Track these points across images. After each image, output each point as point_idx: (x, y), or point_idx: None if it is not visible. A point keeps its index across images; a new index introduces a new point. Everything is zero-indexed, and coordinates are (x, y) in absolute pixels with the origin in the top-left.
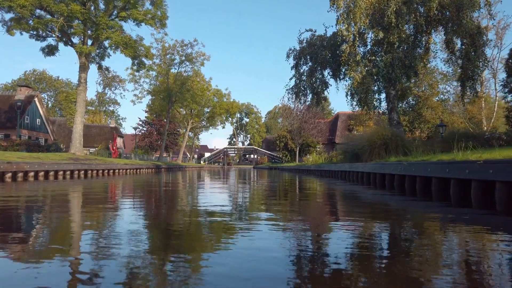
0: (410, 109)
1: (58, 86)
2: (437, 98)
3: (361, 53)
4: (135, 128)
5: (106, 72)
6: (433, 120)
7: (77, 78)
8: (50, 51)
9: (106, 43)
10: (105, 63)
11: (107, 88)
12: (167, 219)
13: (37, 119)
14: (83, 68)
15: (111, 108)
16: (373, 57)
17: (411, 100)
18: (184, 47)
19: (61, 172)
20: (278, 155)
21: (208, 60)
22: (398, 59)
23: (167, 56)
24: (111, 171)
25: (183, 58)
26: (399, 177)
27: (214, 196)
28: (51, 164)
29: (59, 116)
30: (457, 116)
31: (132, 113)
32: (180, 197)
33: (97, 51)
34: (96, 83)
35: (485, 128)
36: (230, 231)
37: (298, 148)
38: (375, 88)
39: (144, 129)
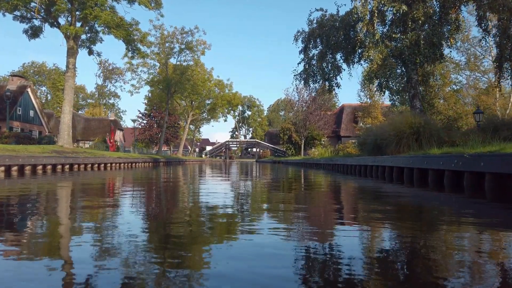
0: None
1: (57, 77)
2: (449, 88)
3: (380, 32)
4: (134, 121)
5: (97, 57)
6: (446, 111)
7: (65, 63)
8: (34, 33)
9: (97, 25)
10: (104, 54)
11: (107, 81)
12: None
13: (30, 111)
14: (72, 53)
15: (111, 101)
16: (396, 35)
17: (421, 90)
18: (184, 35)
19: (40, 167)
20: (281, 149)
21: (209, 49)
22: (426, 36)
23: (166, 44)
24: (102, 165)
25: (183, 46)
26: (452, 174)
27: (215, 200)
28: (27, 158)
29: (59, 109)
30: (472, 107)
31: (132, 106)
32: (170, 204)
33: (88, 35)
34: (96, 76)
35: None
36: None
37: (303, 141)
38: (398, 71)
39: (144, 122)
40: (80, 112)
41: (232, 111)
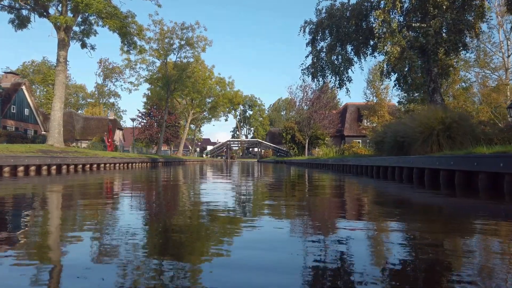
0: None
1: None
2: (458, 85)
3: (397, 21)
4: (133, 120)
5: (91, 50)
6: (456, 109)
7: (56, 56)
8: (21, 23)
9: (88, 14)
10: (104, 53)
11: (107, 80)
12: None
13: (25, 109)
14: (62, 45)
15: (111, 100)
16: (416, 24)
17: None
18: (184, 30)
19: (21, 168)
20: (283, 148)
21: (210, 45)
22: (451, 23)
23: (166, 40)
24: (95, 166)
25: (183, 42)
26: None
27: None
28: (5, 158)
29: None
30: (484, 105)
31: (132, 105)
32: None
33: (82, 27)
34: (96, 75)
35: (510, 118)
36: None
37: (307, 141)
38: (419, 63)
39: (144, 121)
40: (79, 111)
41: (233, 110)
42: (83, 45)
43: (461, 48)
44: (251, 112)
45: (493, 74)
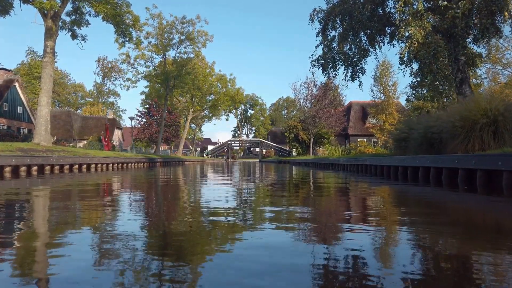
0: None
1: (57, 76)
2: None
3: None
4: (131, 118)
5: (82, 41)
6: None
7: (43, 47)
8: (3, 9)
9: (81, 3)
10: (102, 52)
11: (106, 79)
12: None
13: (18, 107)
14: (50, 34)
15: (110, 100)
16: (443, 3)
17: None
18: (184, 25)
19: None
20: (286, 148)
21: (211, 40)
22: (483, 2)
23: (165, 35)
24: (84, 166)
25: (183, 37)
26: None
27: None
28: None
29: (57, 108)
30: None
31: (132, 104)
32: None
33: (73, 17)
34: (95, 74)
35: None
36: None
37: (312, 139)
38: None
39: (143, 120)
40: (78, 111)
41: (234, 109)
42: (73, 36)
43: (494, 33)
44: (252, 112)
45: (505, 70)
